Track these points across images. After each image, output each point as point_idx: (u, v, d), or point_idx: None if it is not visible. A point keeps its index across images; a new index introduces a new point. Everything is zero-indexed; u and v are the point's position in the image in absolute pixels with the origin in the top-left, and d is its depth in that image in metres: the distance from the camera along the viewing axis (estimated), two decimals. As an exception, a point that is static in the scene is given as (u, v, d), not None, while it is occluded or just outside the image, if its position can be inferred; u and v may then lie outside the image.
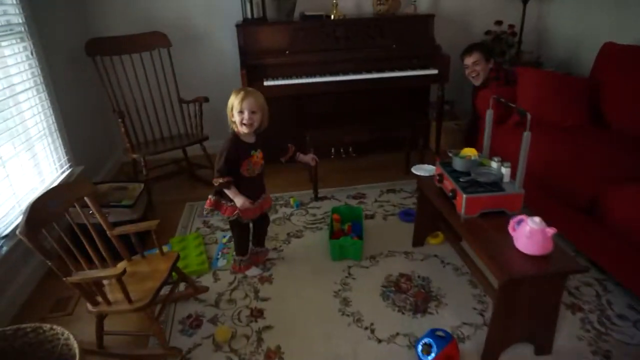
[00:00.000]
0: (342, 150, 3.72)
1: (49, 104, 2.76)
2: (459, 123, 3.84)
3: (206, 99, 3.18)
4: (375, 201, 3.10)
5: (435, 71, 3.38)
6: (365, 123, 3.14)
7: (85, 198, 1.92)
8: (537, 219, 1.61)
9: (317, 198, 3.14)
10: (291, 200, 3.10)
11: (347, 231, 2.57)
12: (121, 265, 1.97)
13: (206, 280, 2.37)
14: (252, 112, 2.06)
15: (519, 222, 1.67)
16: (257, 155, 2.18)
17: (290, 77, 3.29)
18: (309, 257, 2.50)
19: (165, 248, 2.51)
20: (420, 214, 2.47)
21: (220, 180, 2.04)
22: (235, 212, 2.17)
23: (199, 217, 2.98)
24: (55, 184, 2.73)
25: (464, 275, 2.30)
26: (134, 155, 2.93)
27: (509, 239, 1.72)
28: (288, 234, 2.75)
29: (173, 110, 3.35)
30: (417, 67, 3.43)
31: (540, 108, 2.75)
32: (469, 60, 3.25)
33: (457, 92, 4.05)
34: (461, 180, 1.94)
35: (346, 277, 2.33)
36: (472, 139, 3.39)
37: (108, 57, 3.06)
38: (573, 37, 3.72)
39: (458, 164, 2.05)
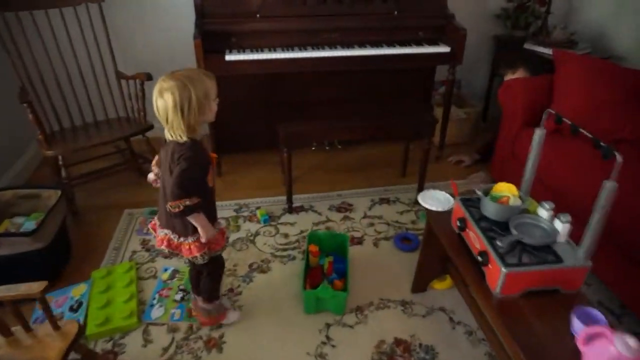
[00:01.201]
0: (325, 142, 3.04)
1: None
2: (468, 111, 3.17)
3: (149, 77, 2.42)
4: (365, 216, 2.46)
5: (446, 49, 2.66)
6: (356, 113, 2.42)
7: None
8: (631, 340, 1.00)
9: (291, 209, 2.49)
10: (258, 213, 2.43)
11: (327, 270, 1.94)
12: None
13: (133, 340, 1.74)
14: None
15: (593, 337, 1.06)
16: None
17: (260, 49, 2.54)
18: (276, 306, 1.88)
19: (81, 289, 1.87)
20: (425, 253, 1.84)
21: (187, 203, 1.37)
22: (205, 247, 1.53)
23: (137, 234, 2.31)
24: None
25: (481, 345, 1.72)
26: (49, 152, 2.20)
27: (565, 339, 1.13)
28: (250, 265, 2.11)
29: (110, 88, 2.58)
30: (423, 43, 2.70)
31: (587, 110, 2.10)
32: (510, 77, 2.53)
33: (465, 70, 3.35)
34: (497, 241, 1.30)
35: (323, 342, 1.72)
36: (490, 148, 2.75)
37: (13, 13, 2.27)
38: (611, 11, 3.00)
39: (491, 210, 1.40)
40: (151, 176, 1.58)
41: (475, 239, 1.38)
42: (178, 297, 1.90)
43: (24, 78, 2.29)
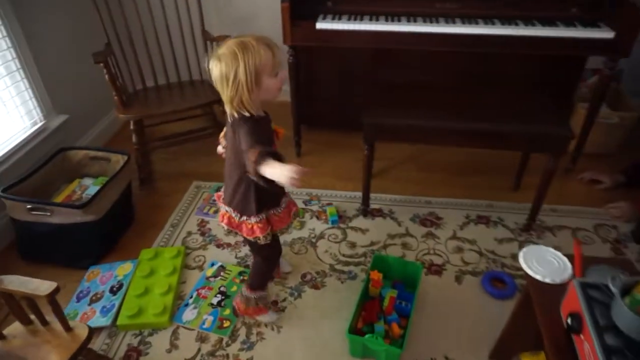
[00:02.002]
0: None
1: (6, 31, 1.98)
2: (623, 115, 2.41)
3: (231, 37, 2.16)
4: (454, 237, 2.00)
5: (609, 34, 1.95)
6: (463, 110, 1.90)
7: None
8: None
9: (366, 212, 2.13)
10: (328, 211, 2.12)
11: (386, 307, 1.59)
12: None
13: (161, 340, 1.61)
14: None
15: None
16: (275, 126, 1.41)
17: (359, 17, 2.12)
18: (319, 335, 1.59)
19: (126, 268, 1.77)
20: (517, 322, 1.39)
21: (259, 149, 1.15)
22: (268, 229, 1.41)
23: (197, 212, 2.17)
24: (21, 138, 2.06)
25: None
26: (122, 116, 2.11)
27: None
28: (304, 276, 1.83)
29: (195, 48, 2.40)
30: (576, 23, 2.02)
31: None
32: None
33: (634, 60, 2.53)
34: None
35: (362, 403, 1.41)
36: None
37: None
38: None
39: (628, 322, 0.91)
40: (220, 149, 1.48)
41: (592, 359, 0.91)
42: (215, 300, 1.72)
43: (111, 34, 2.19)
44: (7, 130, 2.02)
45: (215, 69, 1.19)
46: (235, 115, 1.25)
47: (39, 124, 2.17)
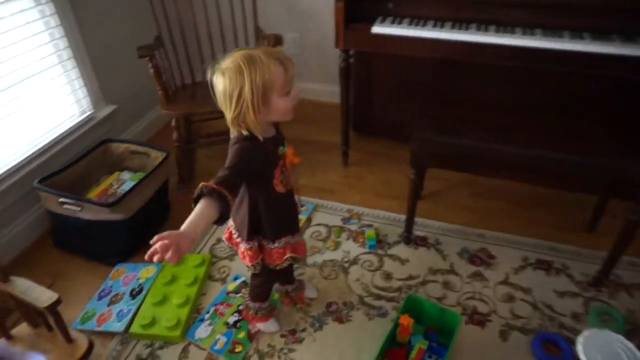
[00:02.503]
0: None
1: (60, 20, 1.98)
2: None
3: (278, 40, 2.03)
4: (505, 282, 1.75)
5: None
6: (531, 138, 1.61)
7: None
8: None
9: (408, 240, 1.93)
10: (366, 233, 1.95)
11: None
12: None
13: (170, 355, 1.53)
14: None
15: None
16: (287, 151, 1.25)
17: (421, 23, 1.89)
18: (334, 379, 1.45)
19: (149, 271, 1.73)
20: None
21: (206, 184, 0.98)
22: (258, 259, 1.33)
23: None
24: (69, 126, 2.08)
25: None
26: (164, 112, 2.05)
27: None
28: (329, 305, 1.68)
29: (247, 45, 2.30)
30: (690, 42, 1.66)
31: None
32: None
33: None
34: None
35: None
36: None
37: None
38: None
39: None
40: None
41: None
42: (232, 320, 1.61)
43: (162, 26, 2.15)
44: (56, 117, 2.04)
45: (219, 84, 1.07)
46: (233, 132, 1.14)
47: (87, 113, 2.18)
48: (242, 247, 1.31)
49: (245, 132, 1.11)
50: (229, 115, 1.08)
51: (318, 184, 2.28)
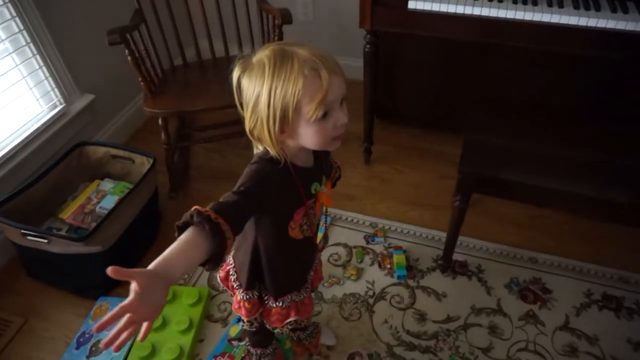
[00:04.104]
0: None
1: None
2: None
3: (285, 17, 1.59)
4: (565, 327, 1.43)
5: None
6: (611, 158, 1.26)
7: None
8: None
9: (446, 267, 1.60)
10: (395, 260, 1.62)
11: None
12: None
13: None
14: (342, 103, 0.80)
15: None
16: (324, 190, 0.94)
17: (473, -3, 1.45)
18: None
19: None
20: None
21: (208, 212, 0.69)
22: (256, 314, 1.05)
23: (233, 236, 1.76)
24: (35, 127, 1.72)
25: None
26: (147, 110, 1.67)
27: None
28: (351, 358, 1.38)
29: (249, 16, 1.86)
30: None
31: None
32: None
33: None
34: None
35: None
36: None
37: None
38: None
39: None
40: None
41: None
42: (235, 380, 1.34)
43: (138, -4, 1.72)
44: (18, 118, 1.68)
45: (244, 80, 0.79)
46: (256, 147, 0.88)
47: (59, 108, 1.81)
48: (239, 295, 1.02)
49: (272, 152, 0.81)
50: (246, 122, 0.81)
51: (336, 188, 1.92)
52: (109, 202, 1.62)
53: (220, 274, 1.10)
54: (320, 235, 1.11)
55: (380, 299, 1.53)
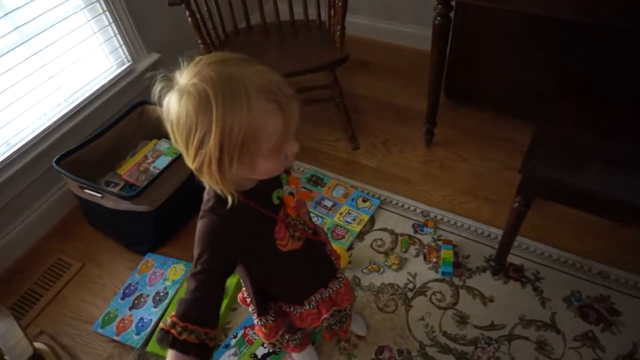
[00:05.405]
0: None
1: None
2: None
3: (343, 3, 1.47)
4: (631, 356, 1.25)
5: None
6: None
7: None
8: None
9: (498, 270, 1.46)
10: (442, 254, 1.51)
11: None
12: None
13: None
14: None
15: None
16: (287, 189, 0.84)
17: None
18: None
19: (178, 271, 1.51)
20: None
21: (173, 332, 0.70)
22: (277, 336, 1.05)
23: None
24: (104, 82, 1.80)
25: None
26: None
27: None
28: (379, 351, 1.33)
29: (313, -19, 1.76)
30: None
31: None
32: None
33: None
34: None
35: None
36: None
37: None
38: None
39: None
40: None
41: None
42: (260, 352, 1.35)
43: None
44: (89, 73, 1.75)
45: (172, 108, 0.65)
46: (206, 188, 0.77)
47: (126, 65, 1.86)
48: (255, 321, 1.00)
49: (216, 189, 0.70)
50: (187, 160, 0.68)
51: (390, 168, 1.83)
52: (162, 162, 1.67)
53: (240, 295, 1.09)
54: (365, 218, 1.02)
55: (420, 293, 1.45)
